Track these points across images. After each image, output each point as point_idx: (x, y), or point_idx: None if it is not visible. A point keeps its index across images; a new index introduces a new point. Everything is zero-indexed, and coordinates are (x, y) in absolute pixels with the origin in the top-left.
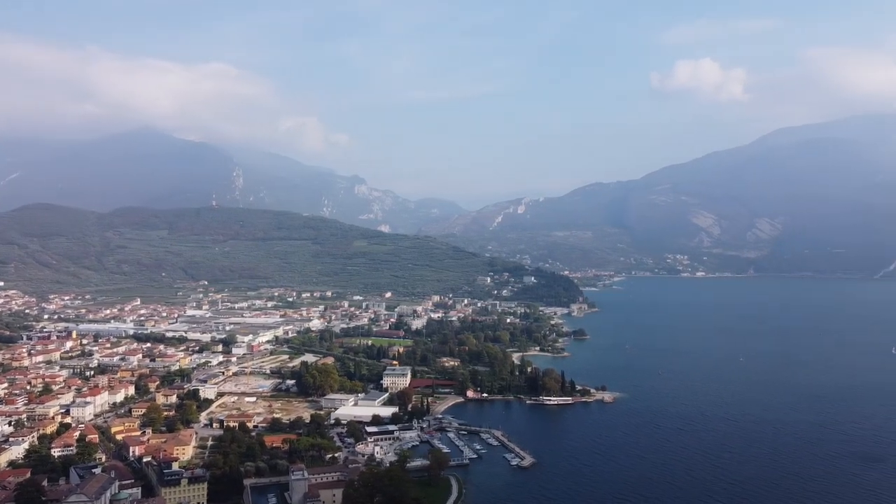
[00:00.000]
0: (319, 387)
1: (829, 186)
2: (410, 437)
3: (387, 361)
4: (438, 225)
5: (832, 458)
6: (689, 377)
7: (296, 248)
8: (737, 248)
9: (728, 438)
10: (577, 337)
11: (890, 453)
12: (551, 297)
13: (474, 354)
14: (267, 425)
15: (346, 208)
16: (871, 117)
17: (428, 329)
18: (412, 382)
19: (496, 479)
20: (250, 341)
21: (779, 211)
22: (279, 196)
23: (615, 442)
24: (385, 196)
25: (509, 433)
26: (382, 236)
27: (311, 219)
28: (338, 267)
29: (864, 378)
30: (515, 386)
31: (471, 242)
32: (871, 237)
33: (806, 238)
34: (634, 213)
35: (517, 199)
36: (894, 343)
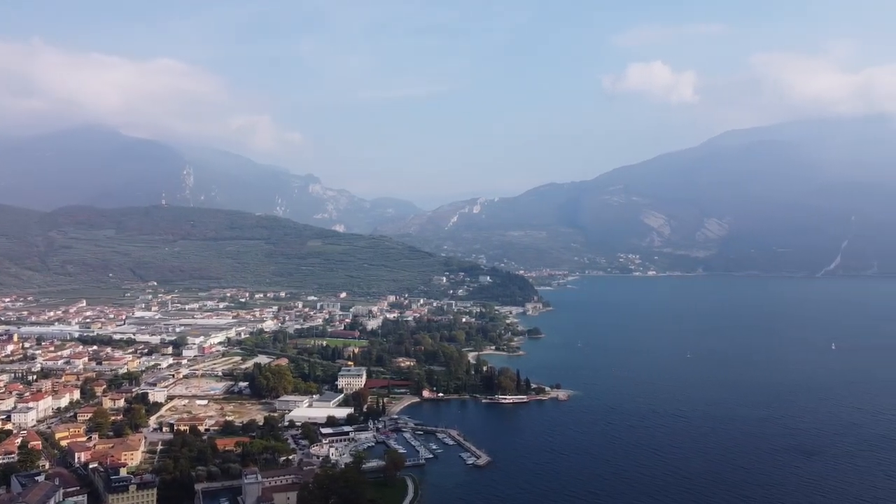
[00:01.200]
0: (273, 388)
1: (773, 188)
2: (366, 438)
3: (342, 362)
4: (394, 225)
5: (776, 451)
6: (640, 374)
7: (248, 247)
8: (686, 247)
9: (678, 434)
10: (532, 336)
11: (829, 445)
12: (507, 296)
13: (430, 354)
14: (219, 428)
15: (300, 208)
16: (813, 121)
17: (383, 329)
18: (368, 383)
19: (452, 479)
20: (201, 343)
21: (726, 211)
22: (231, 195)
23: (569, 439)
24: (340, 195)
25: (465, 432)
26: (337, 236)
27: (265, 218)
28: (292, 267)
29: (806, 374)
30: (471, 385)
31: (426, 242)
32: (813, 237)
33: (752, 238)
34: (588, 214)
35: (473, 198)
36: (833, 340)
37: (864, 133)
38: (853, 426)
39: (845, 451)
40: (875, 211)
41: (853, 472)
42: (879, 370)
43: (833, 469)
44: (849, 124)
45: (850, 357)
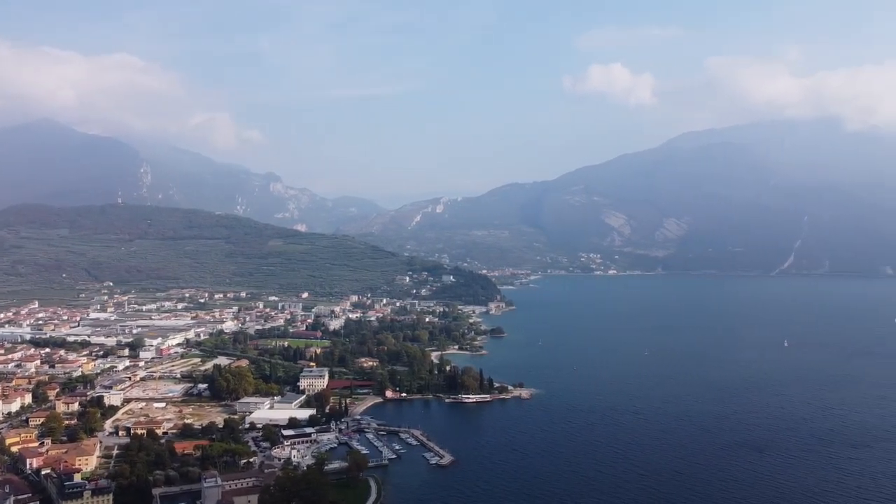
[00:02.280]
0: (233, 390)
1: (729, 189)
2: (328, 440)
3: (304, 363)
4: (357, 224)
5: (731, 447)
6: (600, 372)
7: (208, 247)
8: (646, 247)
9: (636, 431)
10: (495, 335)
11: (782, 440)
12: (470, 295)
13: (393, 354)
14: (177, 432)
15: (260, 207)
16: (766, 124)
17: (346, 329)
18: (330, 384)
19: (415, 479)
20: (159, 344)
21: (685, 212)
22: (190, 193)
23: (531, 438)
24: (301, 194)
25: (428, 432)
26: (299, 235)
27: (224, 217)
28: (252, 267)
29: (759, 370)
30: (434, 385)
31: (389, 242)
32: (767, 237)
33: (709, 237)
34: (550, 213)
35: (436, 198)
36: (786, 337)
37: (815, 136)
38: (804, 421)
39: (797, 446)
40: (826, 211)
41: (805, 466)
42: (829, 366)
43: (786, 464)
44: (801, 127)
45: (802, 353)
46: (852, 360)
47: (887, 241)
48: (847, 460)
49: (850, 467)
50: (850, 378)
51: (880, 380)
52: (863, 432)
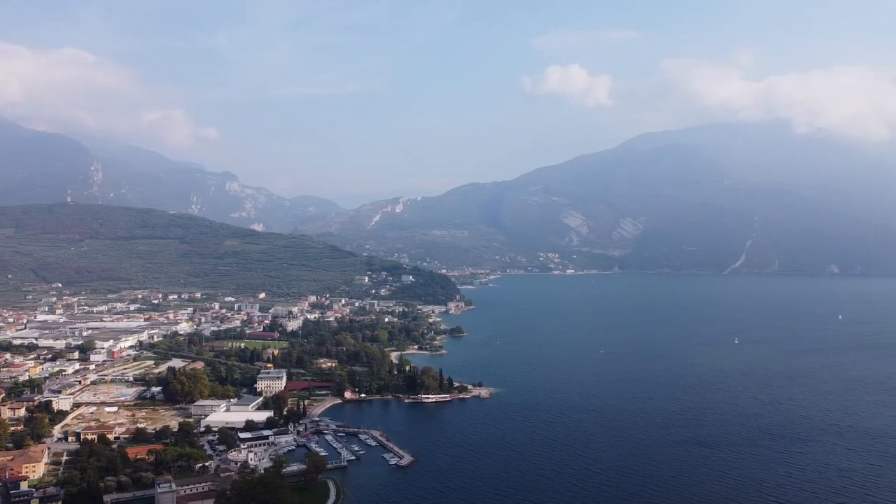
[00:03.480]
0: (188, 393)
1: (683, 189)
2: (286, 442)
3: (261, 364)
4: (315, 224)
5: (684, 443)
6: (558, 370)
7: (161, 247)
8: (603, 246)
9: (593, 429)
10: (455, 334)
11: (733, 435)
12: (429, 295)
13: (352, 355)
14: (130, 436)
15: (216, 206)
16: (719, 126)
17: (304, 330)
18: (288, 385)
19: (375, 480)
20: (111, 347)
21: (640, 212)
22: (143, 192)
23: (491, 437)
24: (258, 193)
25: (388, 433)
26: (256, 235)
27: (179, 216)
28: (208, 267)
29: (711, 367)
30: (394, 385)
31: (348, 241)
32: (720, 236)
33: (664, 237)
34: (509, 213)
35: (395, 198)
36: (736, 334)
37: (765, 138)
38: (754, 416)
39: (747, 441)
40: (775, 212)
41: (755, 460)
42: (777, 363)
43: (737, 458)
44: (752, 130)
45: (752, 350)
46: (799, 357)
47: (832, 241)
48: (795, 454)
49: (797, 461)
50: (797, 374)
51: (826, 375)
52: (810, 426)
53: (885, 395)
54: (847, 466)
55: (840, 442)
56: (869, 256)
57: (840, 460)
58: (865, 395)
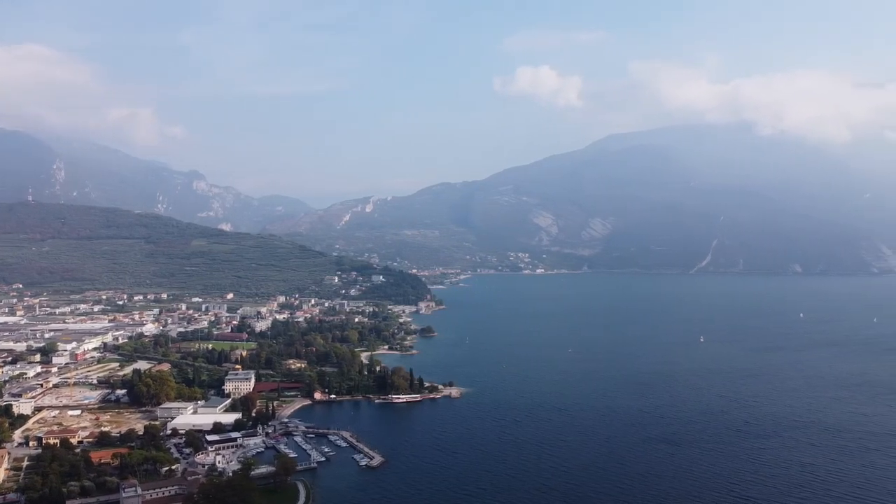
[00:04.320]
0: (154, 395)
1: (651, 190)
2: (255, 444)
3: (229, 366)
4: (284, 223)
5: (652, 441)
6: (527, 369)
7: (127, 247)
8: (573, 246)
9: (562, 428)
10: (426, 334)
11: (699, 433)
12: (400, 295)
13: (322, 355)
14: (94, 440)
15: (183, 205)
16: (686, 128)
17: (273, 331)
18: (256, 386)
19: (345, 481)
20: (74, 349)
21: (609, 212)
22: (107, 191)
23: (462, 437)
24: (226, 193)
25: (358, 434)
26: (223, 235)
27: (144, 216)
28: (174, 267)
29: (678, 365)
30: (364, 385)
31: (318, 241)
32: (687, 236)
33: (632, 237)
34: (479, 213)
35: (365, 197)
36: (702, 333)
37: (730, 140)
38: (720, 413)
39: (713, 438)
40: (740, 213)
41: (721, 457)
42: (741, 360)
43: (703, 455)
44: (717, 131)
45: (717, 349)
46: (763, 355)
47: (795, 241)
48: (760, 450)
49: (762, 457)
50: (761, 371)
51: (788, 372)
52: (774, 422)
53: (845, 392)
54: (810, 461)
55: (803, 437)
56: (830, 256)
57: (803, 455)
58: (826, 392)
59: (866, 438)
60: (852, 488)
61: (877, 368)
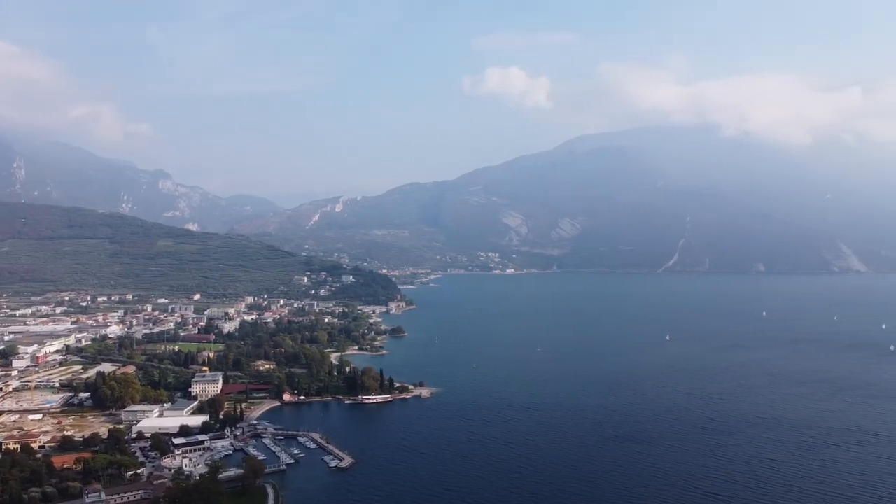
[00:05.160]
0: (119, 398)
1: (620, 190)
2: (223, 447)
3: (196, 368)
4: (252, 223)
5: (620, 438)
6: (496, 368)
7: (90, 247)
8: (542, 246)
9: (531, 427)
10: (396, 334)
11: (666, 430)
12: (370, 295)
13: (291, 356)
14: (56, 445)
15: (148, 205)
16: (653, 129)
17: (241, 332)
18: (224, 388)
19: (314, 483)
20: (35, 352)
21: (578, 212)
22: (70, 190)
23: (432, 437)
24: (193, 192)
25: (328, 435)
26: (190, 235)
27: (108, 216)
28: (139, 268)
29: (644, 363)
30: (334, 386)
31: (287, 241)
32: (654, 236)
33: (601, 237)
34: (450, 213)
35: (335, 197)
36: (668, 331)
37: (696, 141)
38: (685, 411)
39: (679, 435)
40: (706, 213)
41: (686, 454)
42: (706, 359)
43: (669, 452)
44: (684, 133)
45: (682, 347)
46: (727, 353)
47: (759, 241)
48: (724, 447)
49: (726, 453)
50: (725, 369)
51: (752, 370)
52: (738, 419)
53: (806, 388)
54: (773, 457)
55: (766, 434)
56: (792, 256)
57: (766, 451)
58: (788, 388)
59: (827, 434)
60: (814, 483)
61: (836, 365)
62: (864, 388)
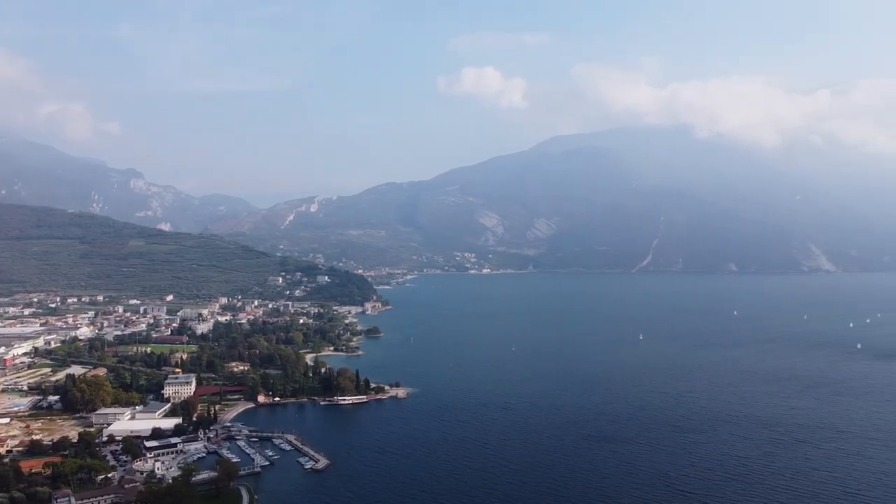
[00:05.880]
0: (89, 401)
1: (594, 191)
2: (196, 449)
3: (168, 369)
4: (226, 223)
5: (595, 437)
6: (473, 368)
7: (60, 248)
8: (518, 246)
9: (506, 427)
10: (372, 335)
11: (640, 427)
12: (345, 296)
13: (266, 357)
14: (24, 449)
15: (120, 204)
16: (627, 130)
17: (215, 333)
18: (198, 390)
19: (289, 485)
20: (3, 354)
21: (554, 212)
22: (39, 190)
23: (407, 437)
24: (165, 192)
25: (303, 436)
26: (163, 235)
27: (79, 216)
28: (111, 269)
29: (618, 363)
30: (309, 387)
31: (261, 241)
32: (629, 237)
33: (576, 237)
34: (426, 213)
35: (310, 197)
36: (642, 331)
37: (669, 142)
38: (659, 409)
39: (653, 433)
40: (679, 213)
41: (661, 452)
42: (679, 357)
43: (643, 451)
44: (657, 134)
45: (656, 346)
46: (699, 351)
47: (731, 241)
48: (697, 444)
49: (699, 451)
50: (697, 368)
51: (724, 368)
52: (710, 417)
53: (776, 386)
54: (744, 454)
55: (738, 431)
56: (763, 255)
57: (738, 449)
58: (759, 386)
59: (796, 431)
60: (784, 480)
61: (805, 363)
62: (832, 386)
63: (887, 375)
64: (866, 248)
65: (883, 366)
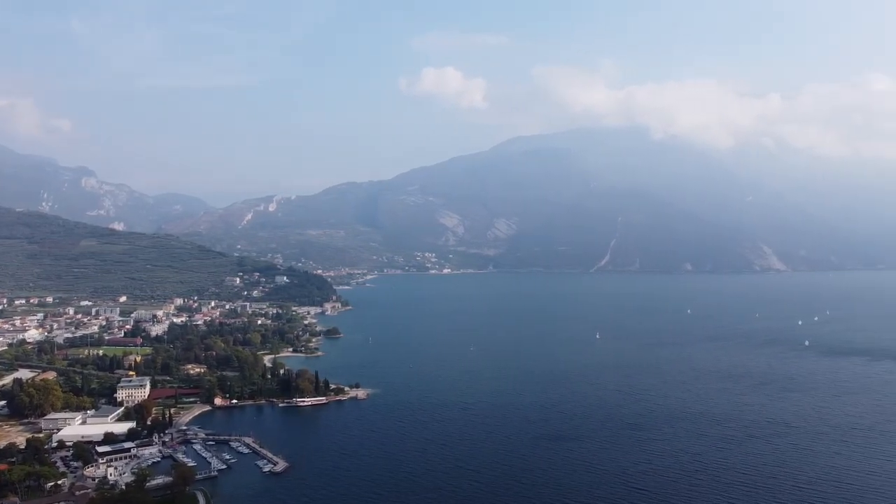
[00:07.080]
0: (38, 406)
1: (554, 191)
2: (151, 454)
3: (122, 373)
4: (181, 223)
5: (553, 436)
6: (432, 368)
7: (7, 248)
8: (478, 246)
9: (465, 426)
10: (331, 336)
11: (597, 426)
12: (304, 296)
13: (223, 359)
14: None
15: (70, 203)
16: (586, 131)
17: (170, 335)
18: (152, 393)
19: (247, 489)
20: None
21: (514, 212)
22: None
23: (367, 438)
24: (118, 190)
25: (261, 439)
26: (116, 235)
27: (27, 214)
28: (61, 269)
29: (576, 362)
30: (268, 389)
31: (218, 241)
32: (587, 236)
33: (536, 237)
34: (386, 213)
35: (268, 196)
36: (598, 330)
37: (626, 144)
38: (616, 407)
39: (610, 431)
40: (636, 214)
41: (618, 449)
42: (635, 356)
43: (601, 449)
44: (614, 135)
45: (612, 345)
46: (655, 350)
47: (686, 241)
48: (654, 441)
49: (656, 448)
50: (653, 366)
51: (678, 366)
52: (666, 415)
53: (730, 383)
54: (699, 450)
55: (693, 428)
56: (717, 255)
57: (693, 445)
58: (712, 383)
59: (749, 427)
60: (738, 475)
61: (757, 360)
62: (782, 382)
63: (834, 371)
64: (814, 249)
65: (829, 362)
